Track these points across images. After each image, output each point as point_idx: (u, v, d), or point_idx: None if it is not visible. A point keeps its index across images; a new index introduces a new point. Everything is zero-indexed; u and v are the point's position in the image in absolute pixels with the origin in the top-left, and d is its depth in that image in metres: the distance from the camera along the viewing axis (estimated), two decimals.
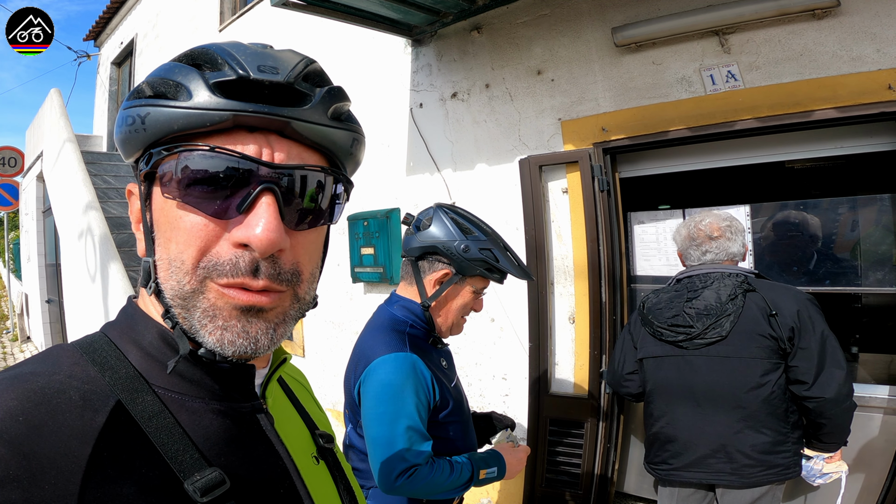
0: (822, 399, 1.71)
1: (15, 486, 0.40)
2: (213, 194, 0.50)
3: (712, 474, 1.85)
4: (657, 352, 1.97)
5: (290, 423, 0.66)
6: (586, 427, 2.80)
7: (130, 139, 0.52)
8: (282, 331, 0.54)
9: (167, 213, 0.52)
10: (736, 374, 1.80)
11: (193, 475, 0.48)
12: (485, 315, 3.29)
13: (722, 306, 1.84)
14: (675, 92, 2.53)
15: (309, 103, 0.52)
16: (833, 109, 2.16)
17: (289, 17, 4.06)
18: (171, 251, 0.51)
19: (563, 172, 2.90)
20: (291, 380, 0.78)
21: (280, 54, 0.53)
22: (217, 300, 0.50)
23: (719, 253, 1.95)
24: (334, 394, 4.20)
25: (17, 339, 10.28)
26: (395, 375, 1.38)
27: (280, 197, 0.51)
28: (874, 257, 2.43)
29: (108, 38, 8.85)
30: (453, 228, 1.45)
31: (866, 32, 2.11)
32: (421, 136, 3.52)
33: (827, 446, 1.81)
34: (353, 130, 0.57)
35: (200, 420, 0.53)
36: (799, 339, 1.74)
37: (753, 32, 2.32)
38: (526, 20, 2.99)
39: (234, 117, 0.49)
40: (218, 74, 0.49)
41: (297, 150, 0.53)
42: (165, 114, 0.49)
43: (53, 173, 6.76)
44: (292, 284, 0.53)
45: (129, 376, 0.51)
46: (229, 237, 0.50)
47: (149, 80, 0.52)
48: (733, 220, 1.99)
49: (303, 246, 0.55)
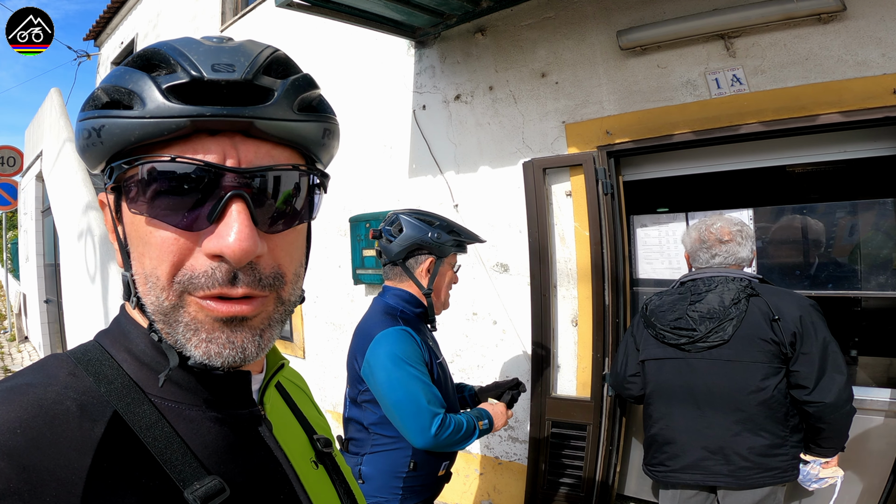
0: (821, 404, 1.72)
1: (16, 499, 0.39)
2: (181, 206, 0.47)
3: (709, 476, 1.86)
4: (659, 354, 1.98)
5: (288, 429, 0.66)
6: (588, 430, 2.79)
7: (90, 152, 0.50)
8: (269, 336, 0.52)
9: (137, 228, 0.50)
10: (737, 378, 1.81)
11: (193, 484, 0.48)
12: (487, 317, 3.29)
13: (725, 310, 1.84)
14: (680, 95, 2.54)
15: (272, 99, 0.49)
16: (838, 114, 2.16)
17: (291, 18, 4.06)
18: (146, 267, 0.50)
19: (566, 175, 2.90)
20: (290, 384, 0.77)
21: (237, 48, 0.50)
22: (197, 313, 0.49)
23: (728, 257, 1.96)
24: (335, 395, 4.20)
25: (14, 339, 10.25)
26: (396, 345, 1.61)
27: (250, 202, 0.48)
28: (875, 261, 2.43)
29: (109, 37, 8.82)
30: (421, 225, 1.74)
31: (872, 37, 2.11)
32: (424, 138, 3.52)
33: (824, 451, 1.82)
34: (324, 120, 0.54)
35: (198, 428, 0.52)
36: (801, 344, 1.75)
37: (759, 36, 2.33)
38: (530, 23, 2.99)
39: (192, 123, 0.46)
40: (171, 77, 0.47)
41: (265, 149, 0.50)
42: (120, 125, 0.47)
43: (53, 173, 6.74)
44: (275, 288, 0.52)
45: (124, 386, 0.50)
46: (202, 249, 0.48)
47: (103, 87, 0.49)
48: (744, 225, 2.00)
49: (282, 248, 0.53)
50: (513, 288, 3.17)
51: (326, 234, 4.19)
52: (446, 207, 3.38)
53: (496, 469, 3.28)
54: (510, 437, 3.21)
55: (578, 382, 2.90)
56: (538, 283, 2.96)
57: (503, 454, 3.25)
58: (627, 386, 2.09)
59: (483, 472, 3.35)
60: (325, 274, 4.22)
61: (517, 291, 3.14)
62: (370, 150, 3.86)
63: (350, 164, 3.92)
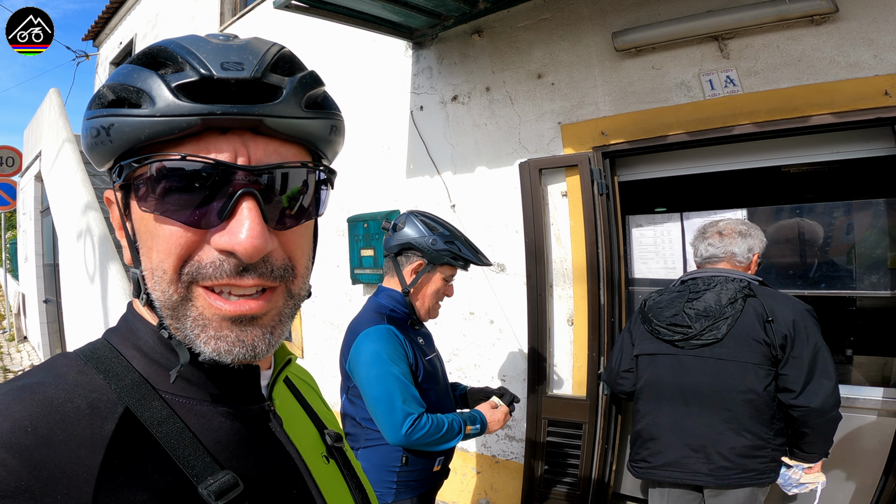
0: (807, 408, 1.73)
1: (27, 497, 0.39)
2: (191, 203, 0.48)
3: (688, 474, 1.88)
4: (652, 349, 2.00)
5: (298, 424, 0.66)
6: (584, 428, 2.81)
7: (97, 151, 0.50)
8: (279, 332, 0.53)
9: (147, 225, 0.50)
10: (726, 377, 1.82)
11: (207, 479, 0.48)
12: (484, 317, 3.31)
13: (721, 309, 1.86)
14: (675, 97, 2.55)
15: (280, 97, 0.49)
16: (830, 115, 2.18)
17: (289, 19, 4.07)
18: (154, 261, 0.50)
19: (562, 176, 2.92)
20: (298, 380, 0.77)
21: (245, 45, 0.50)
22: (205, 310, 0.49)
23: (719, 249, 1.97)
24: (333, 394, 4.19)
25: (13, 338, 10.25)
26: (377, 343, 1.65)
27: (261, 200, 0.49)
28: (869, 261, 2.45)
29: (108, 38, 8.83)
30: (423, 228, 1.77)
31: (864, 38, 2.13)
32: (421, 138, 3.53)
33: (808, 456, 1.83)
34: (330, 117, 0.54)
35: (210, 423, 0.53)
36: (791, 347, 1.76)
37: (752, 38, 2.35)
38: (527, 24, 3.01)
39: (202, 121, 0.46)
40: (180, 76, 0.46)
41: (274, 147, 0.50)
42: (130, 124, 0.47)
43: (52, 173, 6.75)
44: (285, 280, 0.52)
45: (135, 382, 0.51)
46: (212, 244, 0.49)
47: (109, 85, 0.49)
48: (751, 227, 2.00)
49: (292, 241, 0.53)
50: (509, 287, 3.18)
51: (325, 233, 4.21)
52: (443, 208, 3.39)
53: (493, 468, 3.30)
54: (507, 436, 3.23)
55: (574, 381, 2.92)
56: (534, 283, 2.98)
57: (500, 453, 3.27)
58: (620, 381, 2.11)
59: (480, 471, 3.36)
60: (323, 274, 4.24)
61: (514, 291, 3.15)
62: (368, 151, 3.88)
63: (348, 164, 3.94)
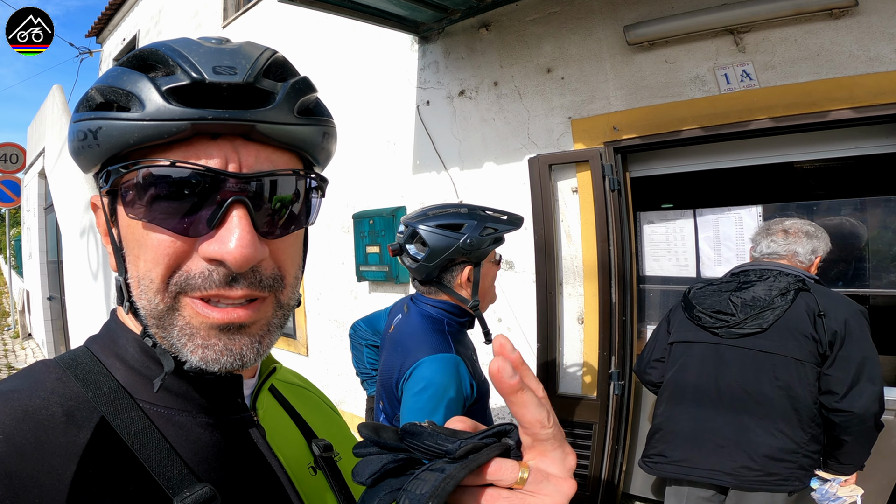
0: (849, 413, 1.65)
1: None
2: (180, 211, 0.46)
3: (706, 471, 1.80)
4: (690, 336, 1.91)
5: (283, 434, 0.64)
6: (594, 428, 2.78)
7: (84, 154, 0.49)
8: (268, 341, 0.52)
9: (134, 232, 0.49)
10: (766, 371, 1.74)
11: (183, 491, 0.47)
12: (492, 315, 3.27)
13: (771, 300, 1.78)
14: (689, 91, 2.51)
15: (273, 102, 0.48)
16: (849, 110, 2.13)
17: (294, 14, 4.04)
18: (141, 269, 0.49)
19: (573, 171, 2.87)
20: (288, 386, 0.75)
21: (237, 49, 0.49)
22: (192, 318, 0.48)
23: (782, 247, 1.90)
24: (338, 393, 4.19)
25: (18, 335, 10.27)
26: (440, 376, 1.41)
27: (251, 208, 0.47)
28: (884, 258, 2.41)
29: (111, 34, 8.81)
30: (448, 234, 1.47)
31: (884, 32, 2.08)
32: (428, 134, 3.49)
33: (843, 468, 1.75)
34: (323, 123, 0.53)
35: (188, 435, 0.51)
36: (840, 346, 1.68)
37: (769, 31, 2.30)
38: (535, 17, 2.96)
39: (192, 126, 0.45)
40: (171, 79, 0.45)
41: (265, 154, 0.49)
42: (118, 127, 0.45)
43: (56, 170, 6.74)
44: (274, 290, 0.51)
45: (112, 391, 0.50)
46: (201, 253, 0.47)
47: (98, 87, 0.48)
48: (818, 229, 1.93)
49: (282, 250, 0.52)
50: (518, 285, 3.15)
51: (330, 230, 4.18)
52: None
53: None
54: None
55: (584, 381, 2.88)
56: (544, 281, 2.94)
57: None
58: (648, 371, 2.04)
59: None
60: (329, 271, 4.21)
61: (522, 289, 3.11)
62: (373, 147, 3.84)
63: (353, 160, 3.90)
